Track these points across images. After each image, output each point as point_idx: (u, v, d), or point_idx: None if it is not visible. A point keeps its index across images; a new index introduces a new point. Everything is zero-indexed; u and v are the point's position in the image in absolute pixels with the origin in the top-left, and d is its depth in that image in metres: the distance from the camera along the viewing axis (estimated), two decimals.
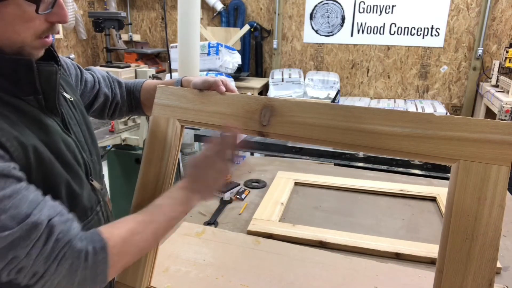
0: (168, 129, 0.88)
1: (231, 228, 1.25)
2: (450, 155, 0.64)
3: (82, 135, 0.86)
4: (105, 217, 0.90)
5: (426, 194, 1.49)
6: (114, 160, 2.64)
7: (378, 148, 0.70)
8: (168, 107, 0.89)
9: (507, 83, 3.58)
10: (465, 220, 0.61)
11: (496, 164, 0.61)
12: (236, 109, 0.83)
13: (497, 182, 0.60)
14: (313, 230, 1.21)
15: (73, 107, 0.87)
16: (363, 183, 1.57)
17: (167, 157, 0.88)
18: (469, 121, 0.64)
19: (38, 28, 0.68)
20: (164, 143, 0.88)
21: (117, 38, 5.22)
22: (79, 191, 0.78)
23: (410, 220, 1.33)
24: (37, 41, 0.69)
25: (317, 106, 0.75)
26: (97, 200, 0.87)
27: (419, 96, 4.71)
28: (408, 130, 0.68)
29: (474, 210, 0.61)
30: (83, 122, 0.88)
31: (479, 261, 0.60)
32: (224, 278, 0.96)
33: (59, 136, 0.76)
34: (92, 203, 0.84)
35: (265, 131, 0.79)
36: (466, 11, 4.33)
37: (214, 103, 0.85)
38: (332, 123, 0.74)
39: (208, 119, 0.85)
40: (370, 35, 4.65)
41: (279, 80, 4.57)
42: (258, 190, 1.56)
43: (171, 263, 1.02)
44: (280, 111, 0.78)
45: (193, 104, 0.87)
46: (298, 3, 4.79)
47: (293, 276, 0.98)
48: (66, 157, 0.76)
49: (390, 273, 1.00)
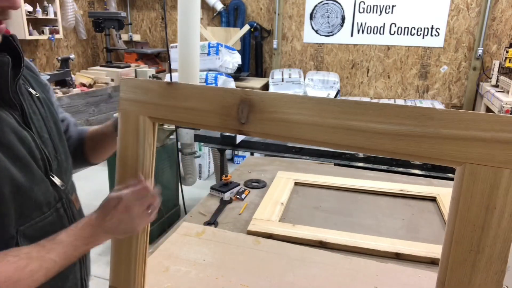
0: (139, 127, 0.79)
1: (231, 228, 1.25)
2: (454, 157, 0.55)
3: (47, 131, 0.84)
4: (69, 215, 0.88)
5: (426, 194, 1.49)
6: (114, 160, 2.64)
7: (371, 149, 0.61)
8: (136, 102, 0.79)
9: (507, 83, 3.58)
10: (471, 230, 0.54)
11: (509, 168, 0.51)
12: (212, 104, 0.72)
13: (508, 189, 0.52)
14: (313, 230, 1.20)
15: (40, 103, 0.85)
16: (363, 183, 1.57)
17: (142, 157, 0.80)
18: (477, 116, 0.54)
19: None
20: (137, 142, 0.80)
21: (117, 38, 5.22)
22: (27, 185, 0.75)
23: (410, 220, 1.33)
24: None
25: (301, 100, 0.65)
26: (57, 197, 0.84)
27: (419, 96, 4.71)
28: (405, 128, 0.58)
29: (482, 220, 0.53)
30: (50, 119, 0.86)
31: (485, 274, 0.54)
32: (224, 278, 0.96)
33: (10, 129, 0.74)
34: (49, 199, 0.82)
35: (244, 129, 0.69)
36: (466, 11, 4.33)
37: (186, 97, 0.74)
38: (319, 120, 0.63)
39: (182, 116, 0.75)
40: (370, 35, 4.65)
41: (279, 80, 4.57)
42: (258, 190, 1.56)
43: (171, 263, 1.02)
44: (260, 106, 0.67)
45: (164, 100, 0.76)
46: (298, 3, 4.79)
47: (293, 276, 0.98)
48: (17, 150, 0.74)
49: (390, 273, 1.00)
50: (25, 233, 0.77)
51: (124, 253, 0.87)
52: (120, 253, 0.88)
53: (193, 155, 2.60)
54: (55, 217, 0.84)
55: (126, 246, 0.87)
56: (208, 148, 3.81)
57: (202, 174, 3.97)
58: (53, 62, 4.64)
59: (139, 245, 0.86)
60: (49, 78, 3.91)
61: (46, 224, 0.81)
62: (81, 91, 4.10)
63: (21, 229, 0.76)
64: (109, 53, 4.86)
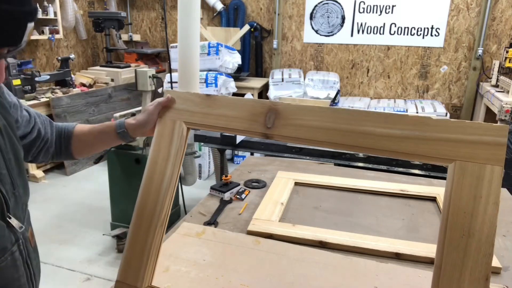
0: (174, 131, 0.91)
1: (231, 228, 1.25)
2: (447, 155, 0.67)
3: (6, 166, 0.77)
4: (25, 255, 0.81)
5: (426, 194, 1.49)
6: (114, 160, 2.65)
7: (378, 149, 0.73)
8: (174, 110, 0.92)
9: (507, 83, 3.58)
10: (462, 217, 0.64)
11: (490, 164, 0.63)
12: (242, 112, 0.85)
13: (491, 181, 0.63)
14: (313, 230, 1.20)
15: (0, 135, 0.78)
16: (363, 183, 1.57)
17: (172, 158, 0.90)
18: (464, 124, 0.67)
19: None
20: (170, 145, 0.90)
21: (117, 38, 5.22)
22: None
23: (410, 220, 1.33)
24: None
25: (320, 110, 0.78)
26: (14, 239, 0.77)
27: (419, 96, 4.71)
28: (406, 132, 0.71)
29: (470, 208, 0.63)
30: (10, 150, 0.79)
31: (475, 256, 0.62)
32: (224, 278, 0.96)
33: None
34: (6, 244, 0.75)
35: (269, 133, 0.82)
36: (466, 11, 4.33)
37: (220, 106, 0.88)
38: (334, 125, 0.76)
39: (214, 122, 0.88)
40: (370, 35, 4.65)
41: (279, 80, 4.57)
42: (258, 190, 1.56)
43: (171, 263, 1.02)
44: (284, 114, 0.81)
45: (199, 108, 0.90)
46: (298, 3, 4.79)
47: (293, 276, 0.98)
48: None
49: (390, 273, 1.00)
50: None
51: (138, 247, 0.89)
52: (135, 247, 0.89)
53: (193, 155, 2.60)
54: (9, 262, 0.77)
55: (142, 240, 0.89)
56: (208, 148, 3.81)
57: (202, 174, 3.97)
58: (53, 62, 4.64)
59: (154, 239, 0.88)
60: (49, 78, 3.91)
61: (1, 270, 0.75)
62: (81, 91, 4.10)
63: None
64: (109, 53, 4.86)
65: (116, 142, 1.04)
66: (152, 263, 0.88)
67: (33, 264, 0.85)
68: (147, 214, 0.90)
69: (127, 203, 2.66)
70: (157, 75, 2.73)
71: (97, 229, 2.79)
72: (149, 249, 0.87)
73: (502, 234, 1.24)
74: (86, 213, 3.13)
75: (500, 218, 1.34)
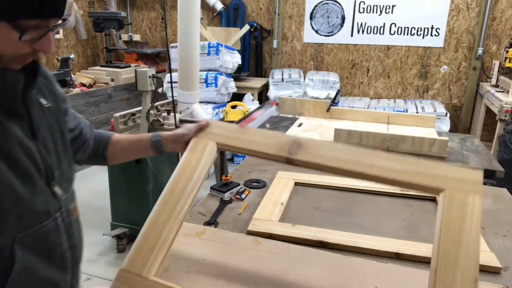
0: (206, 149, 1.03)
1: (231, 228, 1.25)
2: (437, 187, 0.85)
3: (52, 141, 0.87)
4: (66, 224, 0.90)
5: (426, 194, 1.49)
6: None
7: (382, 178, 0.88)
8: (209, 133, 1.06)
9: (507, 83, 3.58)
10: (453, 231, 0.78)
11: (472, 194, 0.81)
12: (269, 140, 1.01)
13: (474, 206, 0.80)
14: (313, 230, 1.21)
15: (49, 114, 0.88)
16: (363, 183, 1.57)
17: (200, 169, 0.99)
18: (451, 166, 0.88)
19: (20, 50, 0.73)
20: (200, 159, 1.01)
21: (117, 38, 5.22)
22: (28, 196, 0.78)
23: (410, 220, 1.33)
24: (15, 58, 0.74)
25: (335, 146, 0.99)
26: (57, 207, 0.86)
27: (419, 96, 4.72)
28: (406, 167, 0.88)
29: (459, 225, 0.78)
30: (57, 129, 0.90)
31: (465, 261, 0.75)
32: (224, 278, 0.96)
33: (16, 140, 0.77)
34: (49, 208, 0.84)
35: (292, 158, 0.96)
36: (466, 11, 4.33)
37: (251, 134, 1.03)
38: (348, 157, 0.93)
39: (244, 145, 1.02)
40: (370, 35, 4.65)
41: (279, 80, 4.57)
42: (258, 190, 1.56)
43: (171, 263, 1.02)
44: (306, 145, 0.98)
45: (232, 134, 1.04)
46: (298, 3, 4.79)
47: (293, 276, 0.98)
48: (21, 162, 0.77)
49: (390, 273, 1.00)
50: (22, 241, 0.79)
51: (152, 238, 0.90)
52: (148, 238, 0.90)
53: None
54: (52, 226, 0.86)
55: (157, 233, 0.90)
56: None
57: None
58: (53, 62, 4.64)
59: (169, 234, 0.90)
60: None
61: (43, 233, 0.84)
62: (81, 91, 4.10)
63: (18, 237, 0.78)
64: (109, 53, 4.86)
65: (149, 151, 1.11)
66: (161, 257, 0.88)
67: (75, 234, 0.95)
68: (167, 210, 0.94)
69: (127, 203, 2.66)
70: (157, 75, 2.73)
71: (97, 229, 2.78)
72: (163, 242, 0.89)
73: (503, 234, 1.24)
74: (86, 213, 3.11)
75: (500, 218, 1.34)
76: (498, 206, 1.45)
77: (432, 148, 1.97)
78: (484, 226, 1.28)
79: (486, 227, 1.27)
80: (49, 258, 0.87)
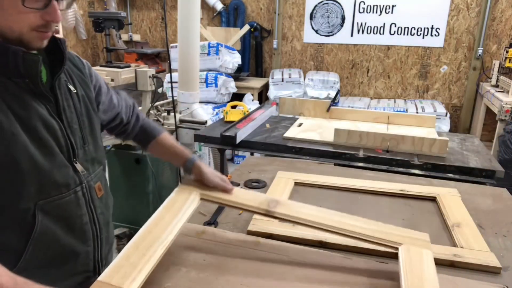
0: (189, 197, 1.13)
1: (231, 228, 1.25)
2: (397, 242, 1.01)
3: (78, 123, 0.97)
4: (88, 199, 0.99)
5: (426, 194, 1.49)
6: (114, 160, 2.65)
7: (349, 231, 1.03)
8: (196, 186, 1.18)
9: (507, 83, 3.58)
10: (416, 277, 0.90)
11: (425, 248, 0.99)
12: (252, 197, 1.15)
13: (428, 257, 0.96)
14: (313, 230, 1.20)
15: (77, 99, 0.98)
16: (363, 183, 1.57)
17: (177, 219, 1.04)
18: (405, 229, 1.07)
19: (33, 22, 0.80)
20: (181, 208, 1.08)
21: (117, 38, 5.22)
22: (47, 166, 0.87)
23: (410, 220, 1.33)
24: (33, 33, 0.82)
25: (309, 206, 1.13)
26: (78, 181, 0.95)
27: (419, 96, 4.72)
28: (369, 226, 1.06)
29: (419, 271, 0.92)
30: (84, 114, 1.00)
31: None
32: (224, 278, 0.96)
33: (38, 117, 0.86)
34: (69, 182, 0.93)
35: (271, 210, 1.09)
36: (466, 11, 4.33)
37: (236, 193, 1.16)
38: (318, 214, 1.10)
39: (226, 198, 1.14)
40: (370, 35, 4.65)
41: (279, 80, 4.57)
42: (258, 190, 1.56)
43: (171, 263, 1.02)
44: (284, 203, 1.13)
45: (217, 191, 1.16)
46: (298, 3, 4.79)
47: (293, 276, 0.98)
48: (40, 133, 0.86)
49: (390, 273, 1.00)
50: (43, 208, 0.88)
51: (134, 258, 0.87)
52: (130, 258, 0.87)
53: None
54: (73, 198, 0.94)
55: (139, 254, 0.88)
56: (208, 148, 3.81)
57: None
58: None
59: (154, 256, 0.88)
60: None
61: (63, 203, 0.92)
62: None
63: (40, 204, 0.87)
64: (109, 53, 4.86)
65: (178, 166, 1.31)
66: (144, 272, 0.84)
67: (97, 211, 1.02)
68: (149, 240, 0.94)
69: (127, 203, 2.66)
70: (157, 75, 2.72)
71: None
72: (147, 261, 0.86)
73: (503, 234, 1.24)
74: None
75: (500, 218, 1.34)
76: (498, 206, 1.45)
77: (432, 148, 1.97)
78: (484, 226, 1.28)
79: (486, 227, 1.27)
80: (69, 228, 0.94)
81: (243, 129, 2.23)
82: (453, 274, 1.01)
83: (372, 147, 2.04)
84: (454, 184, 1.63)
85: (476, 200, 1.47)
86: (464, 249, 1.11)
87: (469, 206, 1.38)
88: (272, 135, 2.29)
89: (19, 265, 0.87)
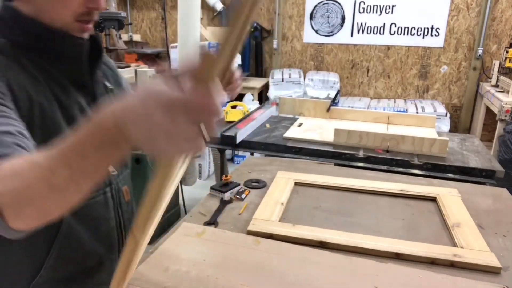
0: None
1: (231, 228, 1.25)
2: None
3: None
4: (116, 201, 0.96)
5: (426, 194, 1.49)
6: None
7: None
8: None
9: (507, 83, 3.58)
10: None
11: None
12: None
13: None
14: (313, 230, 1.20)
15: (112, 96, 0.97)
16: (363, 183, 1.57)
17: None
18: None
19: (76, 10, 0.79)
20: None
21: (117, 38, 5.22)
22: None
23: (410, 220, 1.33)
24: (75, 24, 0.81)
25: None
26: (107, 181, 0.93)
27: (419, 96, 4.71)
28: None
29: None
30: None
31: None
32: (224, 278, 0.96)
33: (77, 104, 0.84)
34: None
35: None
36: (466, 11, 4.33)
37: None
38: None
39: None
40: (370, 35, 4.65)
41: (279, 80, 4.57)
42: (258, 190, 1.56)
43: (171, 263, 1.02)
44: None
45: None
46: (298, 3, 4.79)
47: (293, 276, 0.98)
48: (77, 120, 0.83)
49: (390, 273, 1.00)
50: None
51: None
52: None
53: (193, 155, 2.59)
54: (102, 199, 0.91)
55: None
56: (208, 148, 3.81)
57: (202, 174, 3.97)
58: None
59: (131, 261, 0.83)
60: None
61: (92, 203, 0.88)
62: None
63: None
64: (109, 53, 4.86)
65: None
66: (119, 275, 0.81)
67: (124, 216, 0.99)
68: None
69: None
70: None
71: None
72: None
73: (503, 234, 1.24)
74: None
75: (500, 218, 1.34)
76: (498, 206, 1.45)
77: (432, 148, 1.97)
78: (484, 226, 1.28)
79: (486, 227, 1.27)
80: (95, 232, 0.90)
81: (243, 129, 2.23)
82: (453, 274, 1.01)
83: (372, 147, 2.04)
84: (454, 184, 1.63)
85: (476, 200, 1.47)
86: (464, 249, 1.11)
87: (469, 206, 1.37)
88: (272, 135, 2.29)
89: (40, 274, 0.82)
